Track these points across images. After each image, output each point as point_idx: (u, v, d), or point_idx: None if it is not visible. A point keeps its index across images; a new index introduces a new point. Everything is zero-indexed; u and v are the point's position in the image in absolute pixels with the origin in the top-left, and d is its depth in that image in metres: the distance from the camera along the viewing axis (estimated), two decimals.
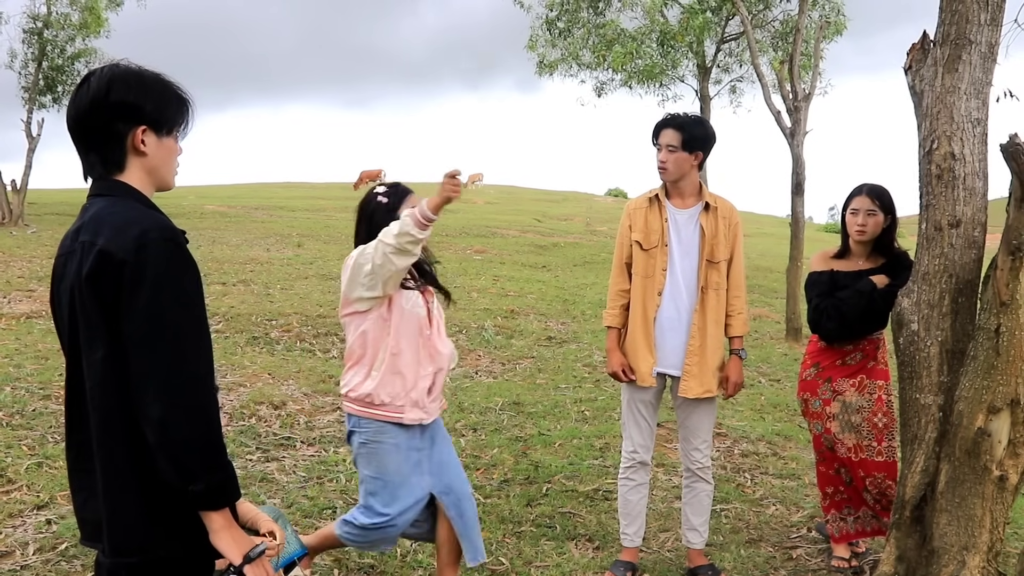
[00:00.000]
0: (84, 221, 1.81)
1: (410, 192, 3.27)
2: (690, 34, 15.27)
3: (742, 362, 3.82)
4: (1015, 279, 2.99)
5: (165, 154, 1.89)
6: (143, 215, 1.78)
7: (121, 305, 1.71)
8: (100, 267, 1.71)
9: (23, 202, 18.30)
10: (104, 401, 1.76)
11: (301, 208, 23.41)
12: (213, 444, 1.76)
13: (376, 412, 3.13)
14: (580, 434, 5.82)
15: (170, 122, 1.89)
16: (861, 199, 3.90)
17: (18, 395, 5.69)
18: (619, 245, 3.86)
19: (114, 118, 1.81)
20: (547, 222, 24.21)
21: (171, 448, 1.71)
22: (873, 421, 3.87)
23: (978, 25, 3.22)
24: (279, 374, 6.87)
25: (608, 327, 3.86)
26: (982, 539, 3.10)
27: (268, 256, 13.43)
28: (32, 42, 18.84)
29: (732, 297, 3.77)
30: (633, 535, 3.89)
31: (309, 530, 4.05)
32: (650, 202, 3.80)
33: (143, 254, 1.71)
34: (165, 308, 1.71)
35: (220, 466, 1.77)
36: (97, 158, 1.84)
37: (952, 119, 3.24)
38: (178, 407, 1.71)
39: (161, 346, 1.70)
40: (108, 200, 1.83)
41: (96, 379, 1.76)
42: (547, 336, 9.23)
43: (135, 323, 1.70)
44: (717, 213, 3.74)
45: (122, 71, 1.83)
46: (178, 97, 1.90)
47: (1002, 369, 3.02)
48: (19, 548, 3.73)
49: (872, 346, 3.91)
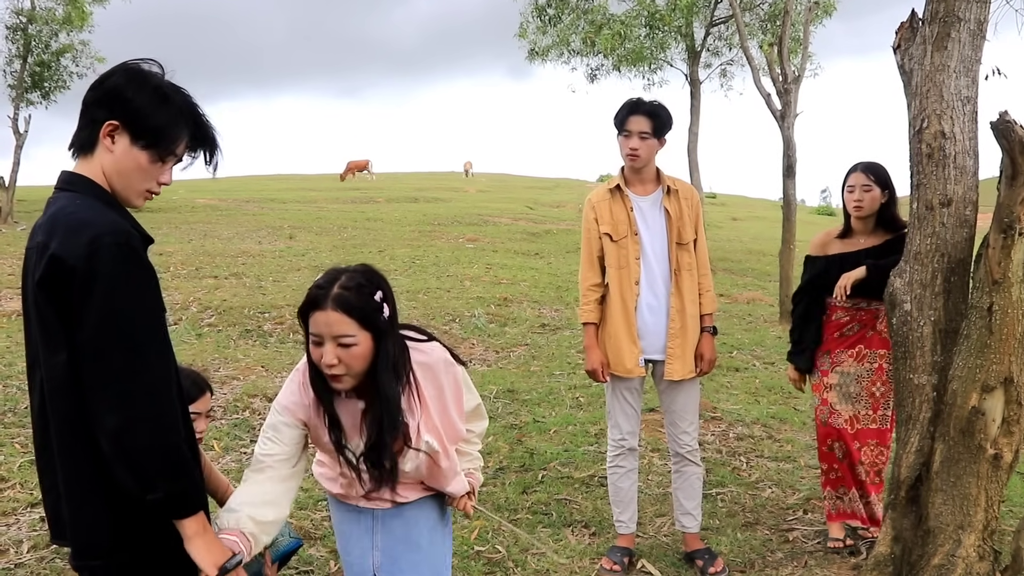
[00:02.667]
0: (45, 218, 1.76)
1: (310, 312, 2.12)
2: (677, 16, 15.21)
3: (713, 338, 3.83)
4: (1007, 257, 2.98)
5: (130, 164, 1.79)
6: (98, 216, 1.70)
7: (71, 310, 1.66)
8: (51, 273, 1.65)
9: (12, 199, 18.18)
10: (64, 404, 1.71)
11: (292, 200, 23.32)
12: (171, 453, 1.70)
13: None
14: (575, 421, 5.82)
15: (154, 136, 1.79)
16: (856, 175, 3.93)
17: (9, 393, 5.67)
18: (586, 240, 3.82)
19: (98, 102, 1.77)
20: (539, 209, 24.17)
21: (126, 457, 1.66)
22: (871, 390, 3.91)
23: (967, 2, 3.20)
24: (272, 367, 6.85)
25: (585, 323, 3.84)
26: (977, 518, 3.10)
27: (260, 249, 13.38)
28: (16, 38, 18.69)
29: (700, 276, 3.79)
30: (628, 521, 3.89)
31: (304, 522, 4.04)
32: (611, 193, 3.78)
33: (94, 260, 1.64)
34: (116, 315, 1.65)
35: (179, 475, 1.71)
36: (77, 136, 1.81)
37: (942, 97, 3.22)
38: (133, 417, 1.65)
39: (113, 355, 1.65)
40: (68, 197, 1.77)
41: (55, 382, 1.71)
42: (540, 323, 9.23)
43: (86, 331, 1.65)
44: (679, 195, 3.75)
45: (140, 69, 1.80)
46: (185, 118, 1.82)
47: (995, 348, 3.01)
48: (13, 546, 3.72)
49: (869, 315, 3.91)
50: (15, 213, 18.13)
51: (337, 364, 2.06)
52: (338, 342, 2.05)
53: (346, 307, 2.04)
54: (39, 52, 18.97)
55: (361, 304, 2.05)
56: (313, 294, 2.08)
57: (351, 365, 2.07)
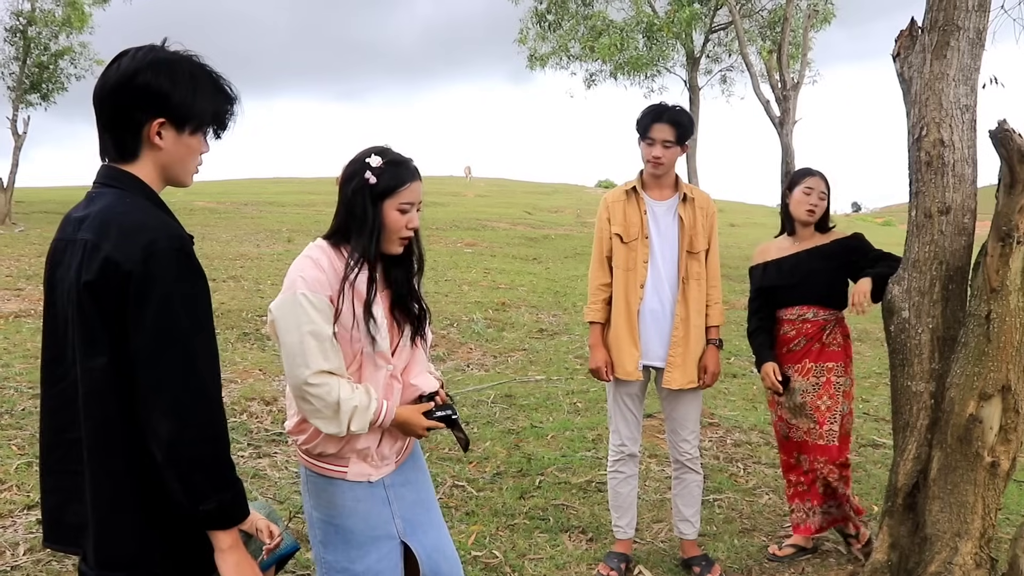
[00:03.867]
0: (89, 213, 1.70)
1: (409, 182, 2.35)
2: (676, 26, 15.26)
3: (719, 351, 3.82)
4: (1005, 265, 2.99)
5: (183, 152, 1.77)
6: (152, 218, 1.68)
7: (125, 315, 1.62)
8: (104, 275, 1.61)
9: (10, 201, 18.21)
10: (100, 410, 1.67)
11: (291, 203, 23.35)
12: (222, 462, 1.69)
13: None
14: (572, 426, 5.82)
15: (197, 119, 1.76)
16: (816, 180, 3.91)
17: (7, 395, 5.65)
18: (598, 239, 3.83)
19: (135, 104, 1.70)
20: (537, 214, 24.20)
21: (180, 467, 1.64)
22: (816, 404, 3.84)
23: (966, 11, 3.21)
24: (270, 370, 6.84)
25: (591, 322, 3.83)
26: (974, 525, 3.10)
27: (258, 252, 13.38)
28: (16, 40, 18.71)
29: (709, 287, 3.77)
30: (625, 527, 3.88)
31: (301, 526, 4.03)
32: (627, 195, 3.78)
33: (151, 264, 1.61)
34: (174, 322, 1.63)
35: (229, 484, 1.70)
36: (111, 141, 1.74)
37: (941, 106, 3.23)
38: (188, 425, 1.63)
39: (170, 361, 1.62)
40: (117, 194, 1.71)
41: (91, 386, 1.67)
42: (538, 328, 9.23)
43: (143, 337, 1.62)
44: (695, 204, 3.74)
45: (156, 55, 1.72)
46: (216, 93, 1.78)
47: (993, 356, 3.02)
48: (9, 548, 3.71)
49: (815, 327, 3.86)
50: (13, 215, 18.13)
51: (417, 227, 2.38)
52: (418, 207, 2.38)
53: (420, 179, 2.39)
54: (38, 54, 19.00)
55: None
56: (412, 167, 2.36)
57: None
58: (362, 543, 2.42)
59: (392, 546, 2.44)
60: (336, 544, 2.44)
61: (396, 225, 2.32)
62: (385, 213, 2.31)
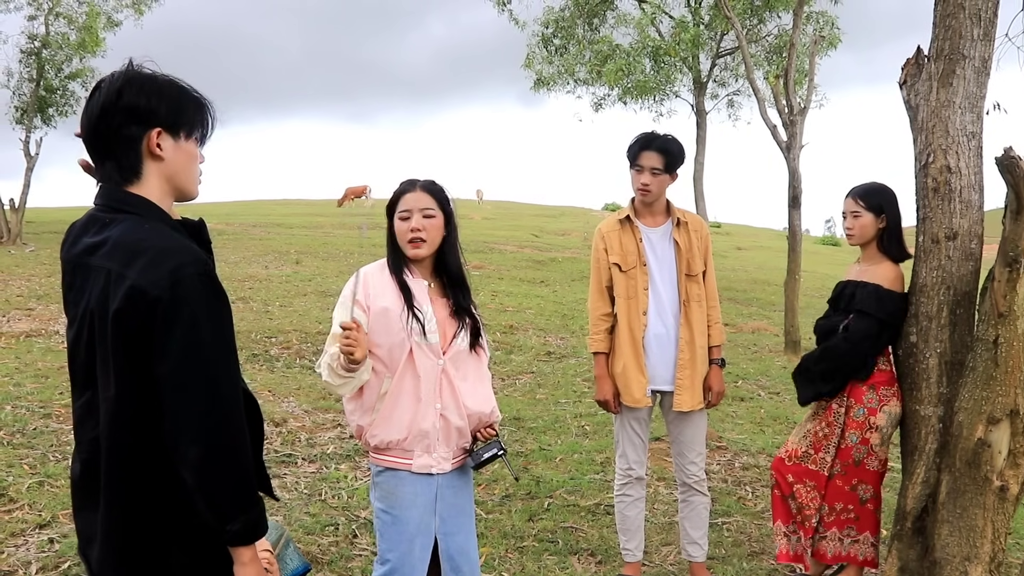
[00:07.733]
0: (107, 239, 1.70)
1: (403, 193, 2.78)
2: (682, 48, 15.37)
3: (722, 370, 3.85)
4: (1012, 290, 3.01)
5: (184, 159, 1.80)
6: (173, 244, 1.70)
7: (149, 341, 1.64)
8: (131, 303, 1.63)
9: (21, 221, 18.33)
10: (116, 438, 1.70)
11: (299, 225, 23.43)
12: (247, 482, 1.72)
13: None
14: (581, 449, 5.83)
15: (188, 125, 1.79)
16: (847, 201, 3.69)
17: (19, 414, 5.68)
18: (595, 269, 3.85)
19: (127, 122, 1.71)
20: (545, 237, 24.25)
21: (209, 489, 1.67)
22: (815, 430, 3.67)
23: (971, 40, 3.26)
24: (279, 391, 6.87)
25: (595, 353, 3.85)
26: (984, 549, 3.11)
27: (266, 273, 13.45)
28: (30, 62, 18.92)
29: (708, 308, 3.81)
30: (634, 550, 3.89)
31: (311, 547, 4.05)
32: (621, 224, 3.81)
33: (179, 290, 1.63)
34: (201, 347, 1.65)
35: (254, 503, 1.73)
36: (113, 166, 1.74)
37: (947, 133, 3.27)
38: (215, 448, 1.66)
39: (197, 386, 1.65)
40: (133, 221, 1.72)
41: (108, 415, 1.69)
42: (546, 351, 9.25)
43: (170, 363, 1.64)
44: (688, 227, 3.79)
45: (134, 74, 1.74)
46: (195, 100, 1.81)
47: (1001, 380, 3.04)
48: (22, 567, 3.73)
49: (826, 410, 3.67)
50: (24, 235, 18.26)
51: (421, 231, 2.71)
52: (423, 214, 2.72)
53: (429, 190, 2.78)
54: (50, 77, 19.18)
55: (438, 190, 2.80)
56: (408, 181, 2.79)
57: (431, 233, 2.74)
58: (412, 536, 2.71)
59: (428, 541, 2.74)
60: (390, 535, 2.73)
61: (401, 230, 2.75)
62: (395, 223, 2.79)
